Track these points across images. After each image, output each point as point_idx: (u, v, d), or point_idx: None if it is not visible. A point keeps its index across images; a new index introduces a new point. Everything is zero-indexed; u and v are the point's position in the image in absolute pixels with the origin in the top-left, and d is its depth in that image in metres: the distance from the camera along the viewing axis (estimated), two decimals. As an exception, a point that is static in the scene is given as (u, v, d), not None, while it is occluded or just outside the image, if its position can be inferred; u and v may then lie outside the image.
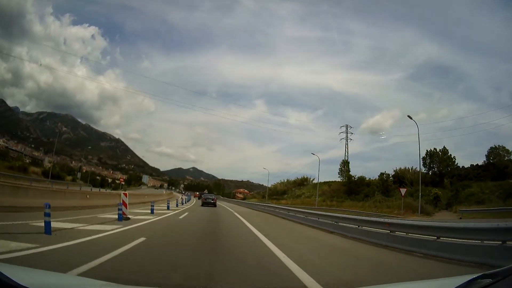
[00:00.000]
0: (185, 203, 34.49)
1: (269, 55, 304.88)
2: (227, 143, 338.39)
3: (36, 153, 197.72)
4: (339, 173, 61.52)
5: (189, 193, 66.21)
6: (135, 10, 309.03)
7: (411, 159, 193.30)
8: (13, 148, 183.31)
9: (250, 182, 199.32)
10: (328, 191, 60.70)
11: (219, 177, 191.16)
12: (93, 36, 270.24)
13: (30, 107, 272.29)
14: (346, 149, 69.14)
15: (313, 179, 70.81)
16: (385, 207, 39.57)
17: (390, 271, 5.97)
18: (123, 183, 63.24)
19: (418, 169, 53.77)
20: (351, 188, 52.67)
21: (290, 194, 65.92)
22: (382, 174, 57.61)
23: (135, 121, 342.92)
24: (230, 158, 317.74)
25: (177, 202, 26.39)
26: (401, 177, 51.05)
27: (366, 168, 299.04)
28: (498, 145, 49.35)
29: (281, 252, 6.72)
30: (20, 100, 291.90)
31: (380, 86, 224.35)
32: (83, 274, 3.79)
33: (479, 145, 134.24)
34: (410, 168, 54.55)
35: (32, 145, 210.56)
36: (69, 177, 66.82)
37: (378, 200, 43.19)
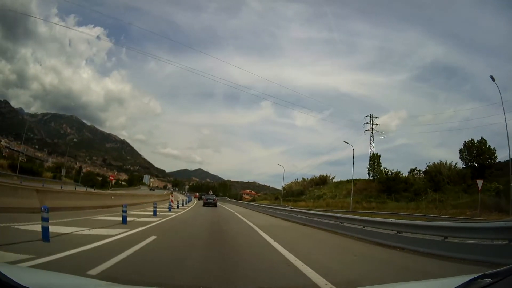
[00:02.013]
0: (184, 205, 27.53)
1: (276, 57, 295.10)
2: (233, 145, 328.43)
3: (39, 154, 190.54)
4: (368, 168, 50.66)
5: (189, 194, 58.10)
6: (140, 11, 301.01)
7: (416, 160, 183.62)
8: (15, 148, 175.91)
9: (257, 183, 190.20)
10: (354, 191, 50.04)
11: (225, 179, 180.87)
12: (98, 37, 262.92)
13: (35, 108, 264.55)
14: (372, 141, 58.26)
15: (334, 177, 60.04)
16: (449, 207, 29.02)
17: None
18: (113, 181, 53.17)
19: (456, 163, 44.37)
20: (389, 186, 41.75)
21: (309, 194, 54.98)
22: (412, 170, 47.88)
23: (141, 123, 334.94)
24: (236, 160, 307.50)
25: (155, 209, 15.58)
26: (436, 173, 41.44)
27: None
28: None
29: None
30: (25, 102, 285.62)
31: (387, 87, 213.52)
32: None
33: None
34: (445, 162, 44.65)
35: (36, 146, 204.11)
36: (49, 174, 57.05)
37: (437, 199, 32.43)
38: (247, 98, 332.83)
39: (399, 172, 45.36)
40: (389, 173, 44.16)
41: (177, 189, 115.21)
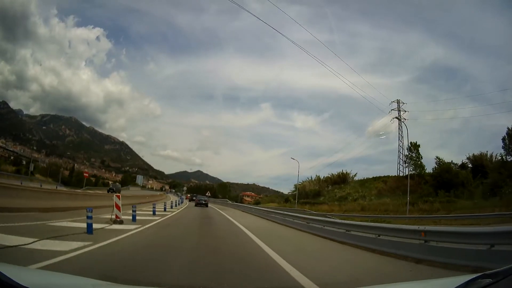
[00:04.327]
0: (173, 207, 22.16)
1: (276, 59, 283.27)
2: (233, 147, 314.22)
3: (36, 155, 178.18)
4: (405, 161, 38.51)
5: (182, 195, 50.80)
6: (140, 13, 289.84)
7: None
8: (10, 149, 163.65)
9: (256, 185, 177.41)
10: (384, 189, 38.03)
11: (224, 181, 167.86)
12: (98, 38, 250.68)
13: (34, 110, 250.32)
14: (400, 130, 46.16)
15: (355, 175, 47.73)
16: None
17: None
18: (87, 177, 40.85)
19: (497, 154, 34.08)
20: (445, 181, 29.68)
21: (328, 196, 42.52)
22: (448, 163, 36.73)
23: (141, 125, 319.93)
24: (236, 162, 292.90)
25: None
26: (479, 166, 33.06)
27: (372, 171, 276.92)
28: None
29: None
30: (25, 103, 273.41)
31: (387, 88, 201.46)
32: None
33: (485, 146, 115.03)
34: (485, 153, 35.39)
35: (34, 147, 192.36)
36: (11, 168, 45.59)
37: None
38: (247, 100, 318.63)
39: (449, 163, 33.72)
40: (447, 165, 32.13)
41: (173, 190, 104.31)
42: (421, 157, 36.62)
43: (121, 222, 9.68)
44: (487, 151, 35.31)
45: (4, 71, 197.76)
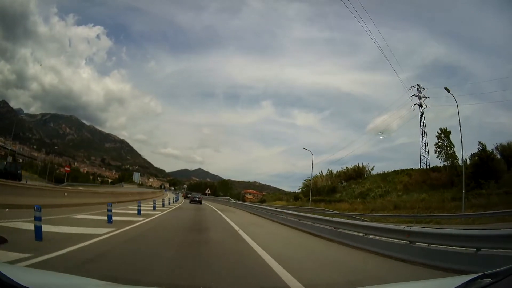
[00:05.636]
0: (155, 209, 16.13)
1: (277, 57, 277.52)
2: (234, 144, 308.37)
3: (35, 154, 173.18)
4: (435, 151, 32.68)
5: (179, 193, 47.61)
6: (141, 11, 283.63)
7: (415, 159, 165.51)
8: (9, 147, 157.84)
9: (257, 182, 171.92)
10: (410, 183, 32.23)
11: (225, 178, 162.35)
12: (98, 36, 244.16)
13: (34, 109, 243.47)
14: (422, 116, 40.63)
15: (372, 168, 41.83)
16: None
17: None
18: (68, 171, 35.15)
19: None
20: (487, 170, 23.96)
21: (346, 192, 36.60)
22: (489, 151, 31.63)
23: (142, 123, 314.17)
24: (236, 160, 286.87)
25: None
26: (508, 156, 28.85)
27: (375, 168, 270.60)
28: None
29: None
30: (25, 102, 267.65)
31: (388, 86, 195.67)
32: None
33: (486, 143, 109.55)
34: None
35: (34, 146, 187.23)
36: None
37: None
38: (248, 98, 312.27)
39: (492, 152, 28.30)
40: (490, 154, 26.42)
41: (173, 188, 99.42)
42: (453, 145, 30.80)
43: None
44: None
45: (4, 70, 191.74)
